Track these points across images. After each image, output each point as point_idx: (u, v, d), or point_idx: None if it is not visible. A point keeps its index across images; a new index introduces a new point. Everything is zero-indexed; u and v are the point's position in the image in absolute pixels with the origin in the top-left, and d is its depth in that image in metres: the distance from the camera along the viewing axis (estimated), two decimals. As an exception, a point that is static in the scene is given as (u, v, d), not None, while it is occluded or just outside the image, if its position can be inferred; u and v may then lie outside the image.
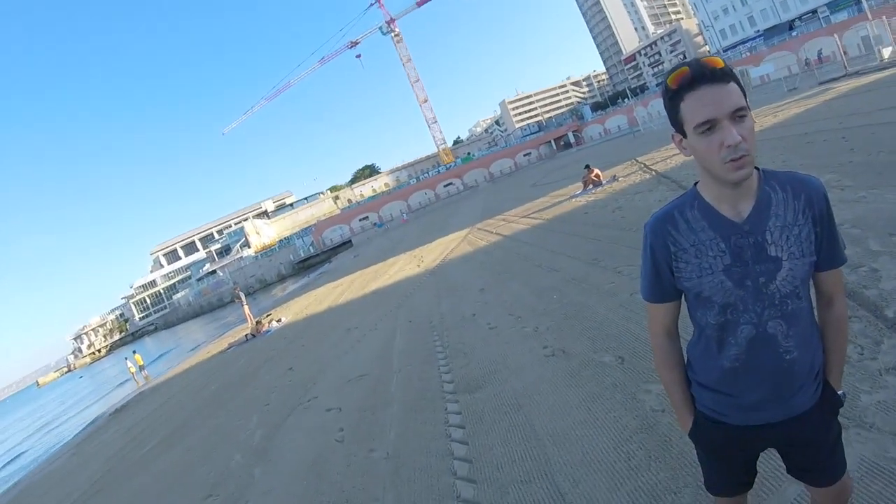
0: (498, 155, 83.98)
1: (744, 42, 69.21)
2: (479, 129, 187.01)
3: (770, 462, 2.38)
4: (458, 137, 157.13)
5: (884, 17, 32.26)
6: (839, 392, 1.48)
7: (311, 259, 67.53)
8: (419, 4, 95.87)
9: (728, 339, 1.40)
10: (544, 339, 5.39)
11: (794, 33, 58.02)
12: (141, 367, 22.91)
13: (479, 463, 3.53)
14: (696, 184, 1.43)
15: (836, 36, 34.62)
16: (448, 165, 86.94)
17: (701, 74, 1.25)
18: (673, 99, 1.30)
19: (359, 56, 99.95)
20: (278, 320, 16.30)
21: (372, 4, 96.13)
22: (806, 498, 2.23)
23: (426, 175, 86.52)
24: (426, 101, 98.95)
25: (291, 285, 42.96)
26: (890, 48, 26.23)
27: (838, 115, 12.73)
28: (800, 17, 64.10)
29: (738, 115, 1.24)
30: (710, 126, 1.24)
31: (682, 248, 1.39)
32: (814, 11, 61.86)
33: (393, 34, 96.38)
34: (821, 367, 1.47)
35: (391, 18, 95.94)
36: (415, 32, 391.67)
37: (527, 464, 3.32)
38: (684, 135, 1.32)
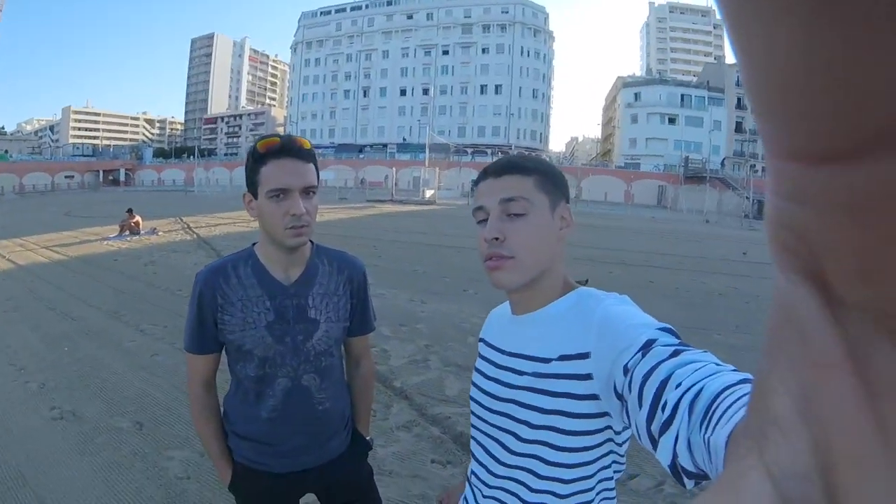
0: (39, 165, 69.49)
1: (318, 147, 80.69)
2: (29, 128, 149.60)
3: None
4: (3, 127, 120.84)
5: (437, 169, 43.62)
6: (367, 438, 1.71)
7: None
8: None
9: (266, 391, 1.47)
10: (52, 399, 4.84)
11: (361, 155, 72.63)
12: None
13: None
14: (253, 244, 1.52)
15: (394, 169, 44.42)
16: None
17: (290, 147, 1.35)
18: (257, 162, 1.36)
19: None
20: None
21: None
22: None
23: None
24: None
25: None
26: (432, 191, 35.82)
27: (376, 228, 16.61)
28: (371, 146, 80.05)
29: (310, 191, 1.38)
30: (280, 194, 1.34)
31: (229, 302, 1.43)
32: (385, 145, 78.85)
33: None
34: (350, 417, 1.66)
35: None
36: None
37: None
38: (256, 196, 1.39)
